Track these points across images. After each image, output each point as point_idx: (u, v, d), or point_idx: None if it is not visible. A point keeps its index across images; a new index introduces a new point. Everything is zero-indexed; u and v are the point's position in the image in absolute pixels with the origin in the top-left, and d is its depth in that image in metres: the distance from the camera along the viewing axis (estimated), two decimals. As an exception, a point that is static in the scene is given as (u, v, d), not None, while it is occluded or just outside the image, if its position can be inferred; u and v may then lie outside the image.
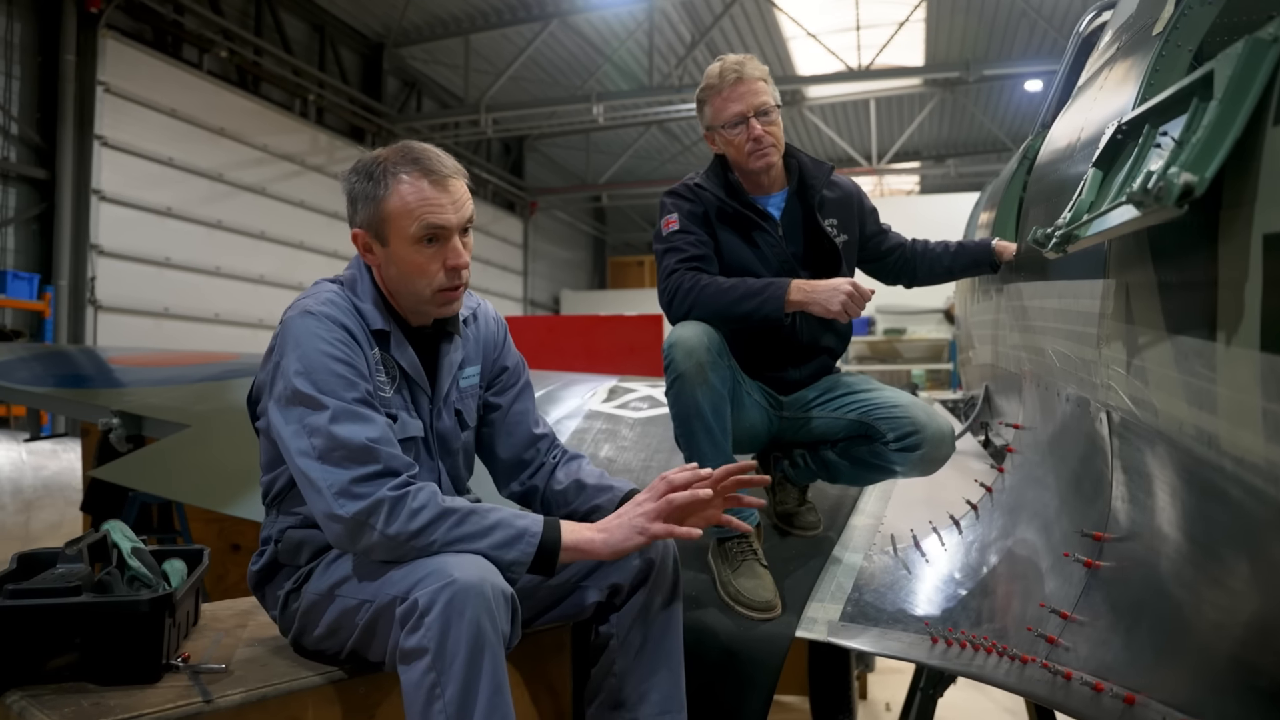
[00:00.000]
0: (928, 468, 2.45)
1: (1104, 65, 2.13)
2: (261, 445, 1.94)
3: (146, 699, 1.60)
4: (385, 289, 1.88)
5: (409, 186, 1.78)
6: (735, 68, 2.46)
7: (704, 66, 10.98)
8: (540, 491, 2.09)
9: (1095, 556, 1.64)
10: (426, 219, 1.78)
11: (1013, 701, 4.02)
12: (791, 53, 14.93)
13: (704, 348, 2.34)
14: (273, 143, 12.14)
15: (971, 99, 15.91)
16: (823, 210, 2.58)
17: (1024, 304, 2.45)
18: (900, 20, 13.01)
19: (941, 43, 14.24)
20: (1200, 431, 1.24)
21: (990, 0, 12.79)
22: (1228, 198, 1.14)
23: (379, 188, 1.78)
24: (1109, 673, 1.45)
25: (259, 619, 2.17)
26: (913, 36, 13.92)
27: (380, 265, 1.85)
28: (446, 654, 1.51)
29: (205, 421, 3.50)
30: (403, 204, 1.77)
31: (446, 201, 1.80)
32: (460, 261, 1.83)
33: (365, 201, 1.80)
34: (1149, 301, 1.42)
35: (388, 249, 1.81)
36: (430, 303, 1.86)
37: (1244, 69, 1.08)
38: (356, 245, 1.86)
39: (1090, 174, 1.50)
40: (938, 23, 13.59)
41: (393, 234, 1.79)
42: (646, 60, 14.25)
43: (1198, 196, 1.08)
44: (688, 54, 14.24)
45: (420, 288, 1.83)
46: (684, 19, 13.92)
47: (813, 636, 2.26)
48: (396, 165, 1.79)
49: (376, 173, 1.80)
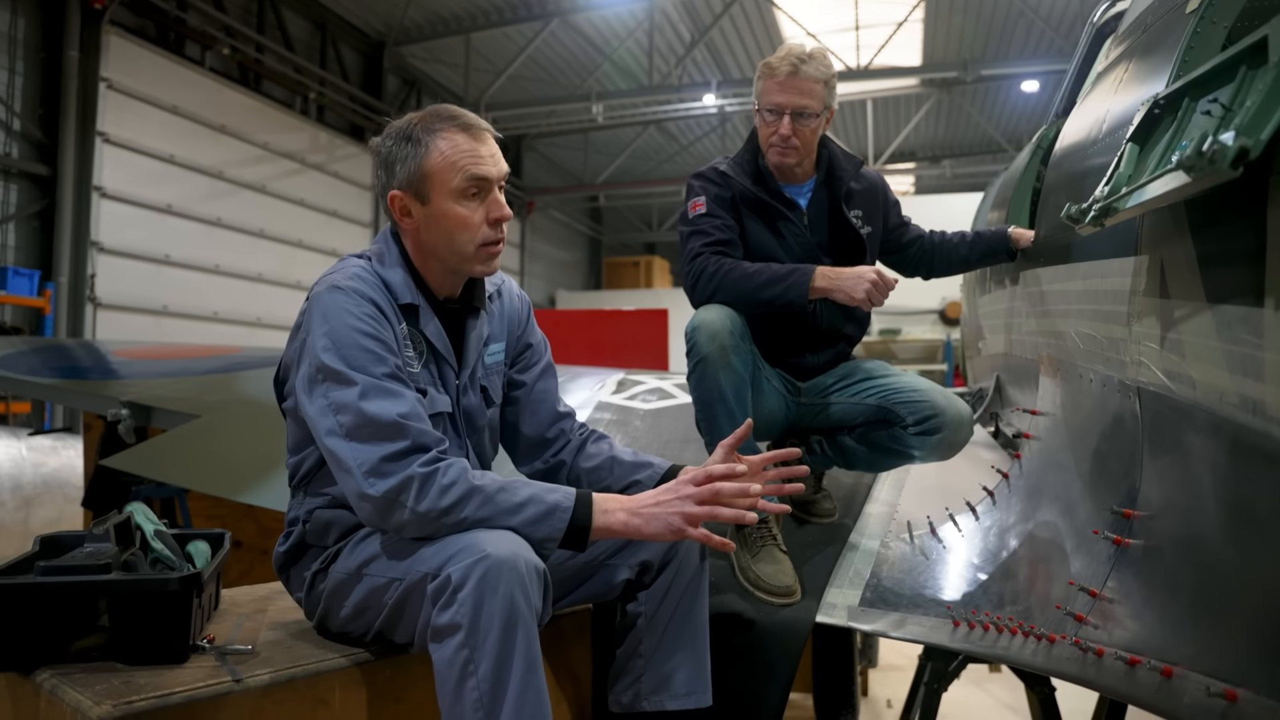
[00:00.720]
0: (946, 452, 2.45)
1: (1127, 50, 2.13)
2: (289, 427, 1.93)
3: (176, 678, 1.59)
4: (417, 259, 1.88)
5: (448, 141, 1.79)
6: (796, 61, 2.44)
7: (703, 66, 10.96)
8: (567, 466, 2.08)
9: (1125, 534, 1.64)
10: (469, 170, 1.79)
11: (1013, 698, 4.01)
12: (790, 53, 14.94)
13: (727, 331, 2.34)
14: (273, 140, 12.11)
15: (968, 100, 15.94)
16: (849, 202, 2.59)
17: (1043, 289, 2.45)
18: (899, 20, 13.04)
19: (939, 43, 14.27)
20: (1244, 399, 1.24)
21: (988, 1, 12.81)
22: (1278, 163, 1.13)
23: (418, 147, 1.79)
24: (1144, 648, 1.45)
25: (279, 604, 2.16)
26: (911, 37, 13.94)
27: (419, 227, 1.84)
28: (480, 630, 1.50)
29: (216, 411, 3.49)
30: (444, 158, 1.78)
31: (486, 154, 1.82)
32: (504, 213, 1.84)
33: (403, 162, 1.80)
34: (1186, 274, 1.42)
35: (428, 207, 1.81)
36: (474, 259, 1.85)
37: (1297, 34, 1.08)
38: (393, 209, 1.84)
39: (1127, 148, 1.50)
40: (935, 23, 13.62)
41: (434, 190, 1.79)
42: (646, 60, 14.26)
43: (1253, 159, 1.08)
44: (687, 54, 14.26)
45: (464, 243, 1.83)
46: (684, 18, 13.94)
47: (833, 621, 2.26)
48: (433, 123, 1.81)
49: (414, 133, 1.80)
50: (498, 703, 1.50)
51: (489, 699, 1.50)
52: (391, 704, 1.81)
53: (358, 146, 13.77)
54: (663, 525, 1.71)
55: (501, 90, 14.54)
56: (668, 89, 14.19)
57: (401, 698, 1.83)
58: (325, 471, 1.85)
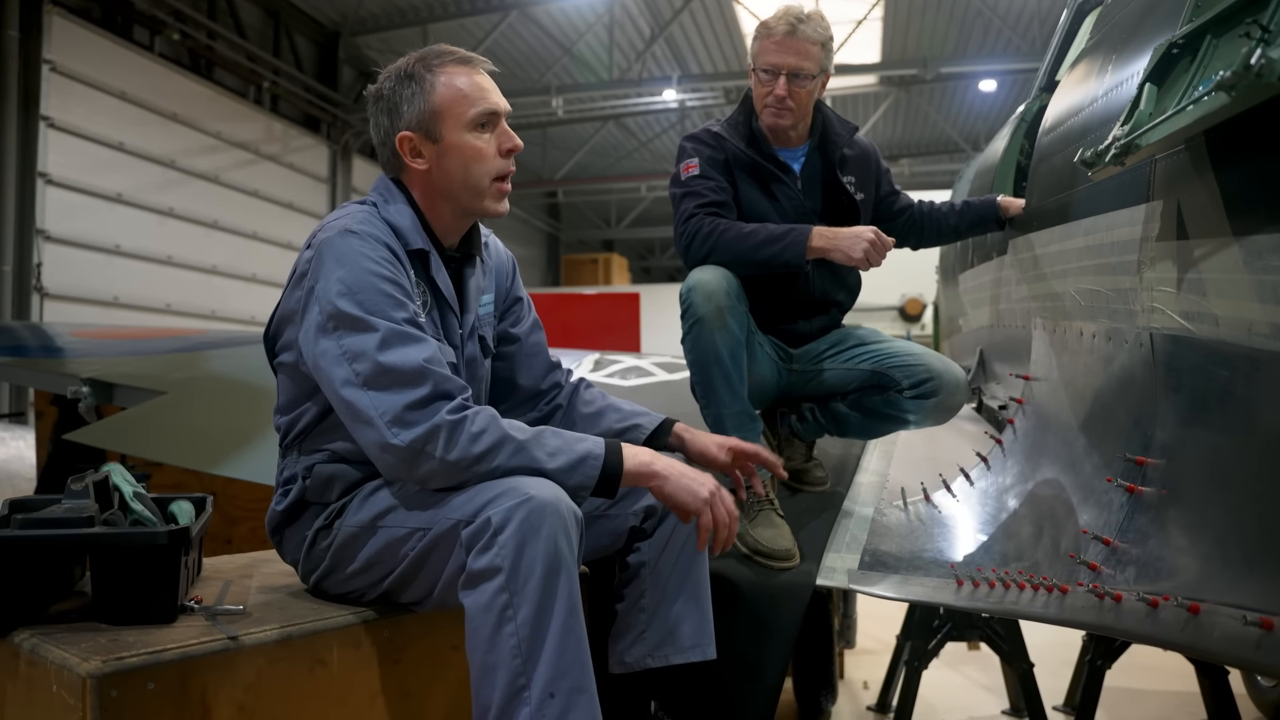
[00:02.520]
0: (942, 415, 2.45)
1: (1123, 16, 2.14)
2: (280, 384, 1.86)
3: (168, 636, 1.52)
4: (424, 203, 1.82)
5: (454, 75, 1.77)
6: (794, 21, 2.40)
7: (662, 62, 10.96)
8: (563, 411, 2.06)
9: (1139, 481, 1.64)
10: (480, 103, 1.76)
11: (988, 679, 4.04)
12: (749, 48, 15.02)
13: (724, 291, 2.31)
14: (226, 130, 11.87)
15: (926, 99, 16.13)
16: (843, 168, 2.57)
17: (1035, 254, 2.46)
18: (859, 18, 13.15)
19: (898, 42, 14.43)
20: (1277, 327, 1.23)
21: (947, 0, 12.98)
22: (1317, 84, 1.13)
23: (422, 84, 1.75)
24: (1168, 588, 1.44)
25: (265, 570, 2.09)
26: (870, 35, 14.07)
27: (431, 167, 1.78)
28: (521, 573, 1.45)
29: (183, 387, 3.38)
30: (456, 92, 1.75)
31: (490, 86, 1.80)
32: (515, 143, 1.82)
33: (410, 101, 1.75)
34: (1208, 212, 1.42)
35: (440, 144, 1.76)
36: (487, 194, 1.81)
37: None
38: (401, 152, 1.78)
39: (1146, 88, 1.50)
40: (894, 21, 13.76)
41: (447, 125, 1.75)
42: (606, 54, 14.22)
43: (1300, 73, 1.07)
44: (647, 48, 14.26)
45: (479, 177, 1.78)
46: (644, 13, 13.93)
47: (833, 585, 2.24)
48: (431, 60, 1.78)
49: (415, 71, 1.77)
50: (537, 648, 1.45)
51: (528, 645, 1.44)
52: (390, 665, 1.75)
53: (314, 138, 13.56)
54: (689, 494, 1.69)
55: (460, 83, 14.39)
56: (628, 83, 14.17)
57: (400, 659, 1.77)
58: (323, 427, 1.78)
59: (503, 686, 1.46)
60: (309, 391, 1.78)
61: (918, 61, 13.51)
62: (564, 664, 1.47)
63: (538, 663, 1.46)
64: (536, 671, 1.46)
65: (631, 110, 15.56)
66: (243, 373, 3.50)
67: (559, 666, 1.46)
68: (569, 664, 1.47)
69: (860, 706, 3.85)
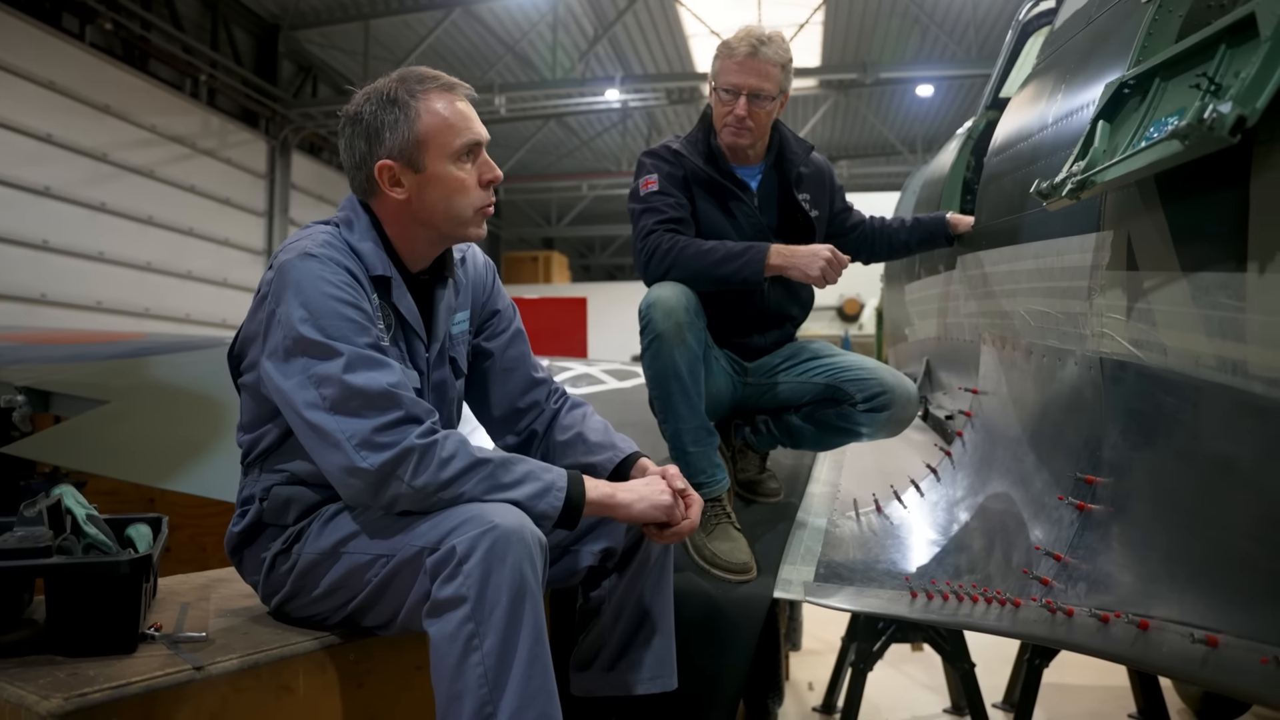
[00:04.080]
0: (894, 428, 2.51)
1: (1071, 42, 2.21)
2: (244, 403, 1.83)
3: (130, 668, 1.49)
4: (395, 229, 1.78)
5: (438, 103, 1.71)
6: (755, 43, 2.43)
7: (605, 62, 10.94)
8: (540, 438, 2.01)
9: (1089, 499, 1.70)
10: (466, 134, 1.73)
11: (930, 678, 4.13)
12: (692, 50, 15.08)
13: (683, 308, 2.34)
14: (161, 123, 11.53)
15: (864, 102, 16.36)
16: (799, 185, 2.62)
17: (985, 272, 2.53)
18: (800, 22, 13.29)
19: (838, 46, 14.61)
20: (1223, 360, 1.30)
21: (885, 6, 13.19)
22: (1263, 132, 1.19)
23: (406, 110, 1.70)
24: (1118, 605, 1.51)
25: (222, 591, 2.06)
26: (810, 39, 14.23)
27: (410, 197, 1.74)
28: (487, 602, 1.46)
29: (126, 397, 3.30)
30: (441, 120, 1.70)
31: (472, 115, 1.76)
32: (496, 174, 1.79)
33: (393, 127, 1.70)
34: (1157, 246, 1.48)
35: (423, 174, 1.72)
36: (470, 223, 1.78)
37: (1291, 8, 1.13)
38: (379, 180, 1.73)
39: (1099, 126, 1.56)
40: (834, 26, 13.94)
41: (430, 155, 1.71)
42: (549, 54, 14.16)
43: (1250, 126, 1.13)
44: (590, 48, 14.23)
45: (462, 207, 1.75)
46: (588, 12, 13.90)
47: (790, 596, 2.29)
48: (413, 85, 1.72)
49: (397, 96, 1.71)
50: (503, 676, 1.45)
51: (494, 673, 1.45)
52: (355, 689, 1.75)
53: (252, 132, 13.26)
54: (652, 507, 1.73)
55: (401, 79, 14.20)
56: (571, 83, 14.12)
57: (364, 682, 1.77)
58: (284, 448, 1.76)
59: (469, 715, 1.47)
60: (271, 412, 1.75)
61: (857, 66, 13.70)
62: (530, 692, 1.48)
63: (504, 691, 1.47)
64: (503, 700, 1.47)
65: (574, 110, 15.52)
66: (188, 381, 3.43)
67: (525, 695, 1.48)
68: (535, 691, 1.49)
69: (806, 707, 3.90)
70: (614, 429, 2.04)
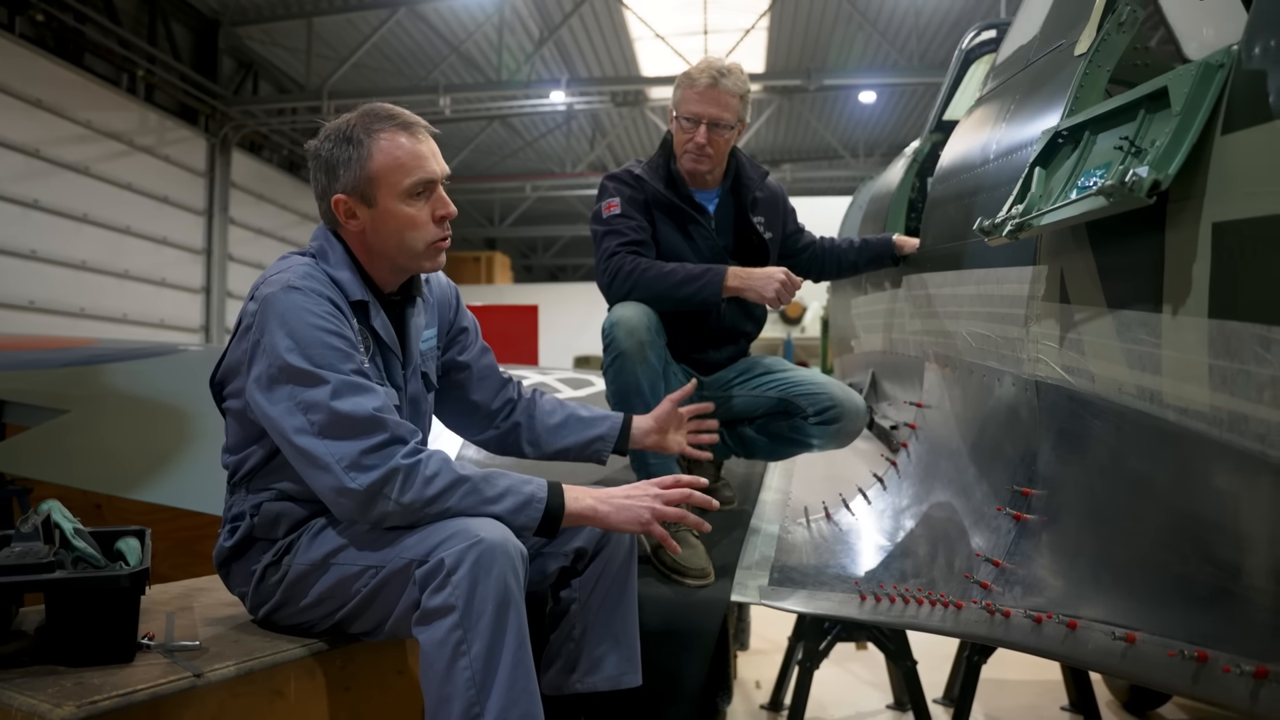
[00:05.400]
0: (843, 440, 2.66)
1: (1011, 81, 2.39)
2: (228, 426, 1.91)
3: (132, 676, 1.56)
4: (363, 257, 1.88)
5: (391, 142, 1.80)
6: (716, 74, 2.57)
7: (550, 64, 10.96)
8: (523, 428, 2.19)
9: (1024, 510, 1.87)
10: (416, 172, 1.81)
11: (873, 675, 4.28)
12: (638, 53, 15.22)
13: (644, 327, 2.47)
14: (97, 119, 11.30)
15: (808, 107, 16.67)
16: (754, 209, 2.76)
17: (929, 293, 2.69)
18: (746, 28, 13.51)
19: (782, 52, 14.87)
20: (1142, 390, 1.46)
21: (829, 13, 13.48)
22: (1175, 192, 1.35)
23: (360, 149, 1.79)
24: (1050, 607, 1.67)
25: (203, 600, 2.13)
26: (756, 44, 14.47)
27: (365, 229, 1.84)
28: (474, 611, 1.56)
29: (87, 406, 3.31)
30: (391, 160, 1.79)
31: (428, 152, 1.84)
32: (450, 210, 1.87)
33: (346, 165, 1.80)
34: (1086, 283, 1.65)
35: (375, 209, 1.82)
36: (423, 256, 1.88)
37: (1198, 87, 1.29)
38: (336, 212, 1.83)
39: (1036, 172, 1.72)
40: (779, 32, 14.19)
41: (381, 192, 1.80)
42: (494, 55, 14.18)
43: (1163, 190, 1.29)
44: (536, 50, 14.27)
45: (414, 242, 1.85)
46: (533, 14, 13.94)
47: (746, 600, 2.42)
48: (371, 123, 1.81)
49: (353, 134, 1.80)
50: (490, 680, 1.56)
51: (481, 676, 1.56)
52: (342, 693, 1.84)
53: (191, 130, 13.06)
54: (631, 517, 1.83)
55: (344, 79, 14.10)
56: (516, 85, 14.16)
57: (351, 686, 1.86)
58: (270, 467, 1.85)
59: (458, 716, 1.59)
60: (256, 435, 1.84)
61: (801, 72, 13.97)
62: (515, 694, 1.60)
63: (490, 693, 1.58)
64: (489, 701, 1.58)
65: (519, 111, 15.55)
66: (150, 390, 3.45)
67: (510, 696, 1.59)
68: (519, 693, 1.60)
69: (754, 705, 4.02)
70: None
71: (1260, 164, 1.21)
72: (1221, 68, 1.29)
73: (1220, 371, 1.27)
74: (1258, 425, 1.21)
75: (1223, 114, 1.28)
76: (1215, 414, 1.29)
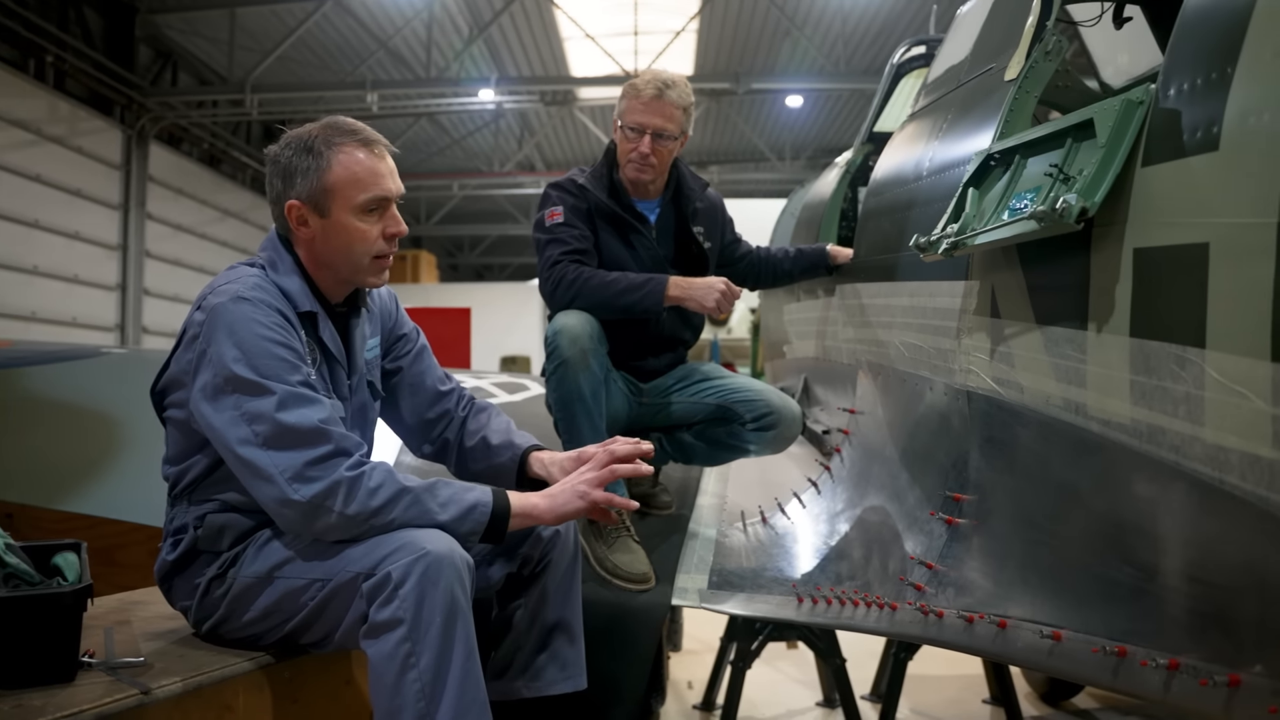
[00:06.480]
0: (779, 446, 2.73)
1: (943, 99, 2.48)
2: (169, 436, 1.89)
3: (75, 696, 1.54)
4: (310, 265, 1.89)
5: (350, 157, 1.81)
6: (661, 86, 2.62)
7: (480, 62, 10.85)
8: (453, 446, 2.15)
9: (956, 514, 1.95)
10: (372, 189, 1.82)
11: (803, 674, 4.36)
12: (567, 53, 15.20)
13: (587, 335, 2.50)
14: (1, 106, 10.84)
15: (736, 110, 16.85)
16: (694, 219, 2.81)
17: (862, 303, 2.78)
18: (676, 30, 13.61)
19: (711, 54, 15.01)
20: (1068, 402, 1.55)
21: (758, 18, 13.66)
22: (1100, 219, 1.44)
23: (319, 160, 1.80)
24: (981, 607, 1.75)
25: (140, 614, 2.09)
26: (685, 47, 14.58)
27: (315, 237, 1.85)
28: (422, 624, 1.58)
29: (3, 413, 3.21)
30: (348, 174, 1.81)
31: (385, 171, 1.86)
32: (400, 229, 1.89)
33: (304, 174, 1.81)
34: (1017, 300, 1.73)
35: (327, 220, 1.83)
36: (367, 270, 1.89)
37: (1120, 121, 1.38)
38: (288, 218, 1.84)
39: (970, 192, 1.80)
40: (709, 35, 14.32)
41: (335, 205, 1.82)
42: (423, 51, 14.01)
43: (1090, 217, 1.37)
44: (466, 48, 14.14)
45: (359, 256, 1.86)
46: (463, 11, 13.81)
47: (687, 604, 2.47)
48: (333, 136, 1.82)
49: (314, 145, 1.81)
50: (439, 691, 1.58)
51: (431, 688, 1.57)
52: (290, 705, 1.83)
53: (105, 120, 12.59)
54: (572, 495, 1.86)
55: (269, 72, 13.75)
56: (445, 82, 14.01)
57: (298, 698, 1.86)
58: (214, 478, 1.83)
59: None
60: (199, 444, 1.82)
61: (730, 76, 14.12)
62: (464, 704, 1.62)
63: (440, 704, 1.60)
64: (440, 713, 1.60)
65: (447, 109, 15.40)
66: (74, 395, 3.35)
67: (460, 706, 1.61)
68: (469, 703, 1.62)
69: (686, 705, 4.07)
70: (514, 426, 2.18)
71: (1175, 196, 1.30)
72: (1141, 104, 1.38)
73: (1140, 387, 1.36)
74: (1173, 438, 1.30)
75: (1143, 148, 1.37)
76: (1135, 426, 1.38)
